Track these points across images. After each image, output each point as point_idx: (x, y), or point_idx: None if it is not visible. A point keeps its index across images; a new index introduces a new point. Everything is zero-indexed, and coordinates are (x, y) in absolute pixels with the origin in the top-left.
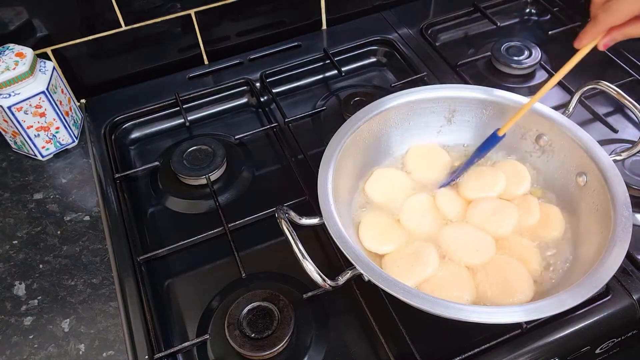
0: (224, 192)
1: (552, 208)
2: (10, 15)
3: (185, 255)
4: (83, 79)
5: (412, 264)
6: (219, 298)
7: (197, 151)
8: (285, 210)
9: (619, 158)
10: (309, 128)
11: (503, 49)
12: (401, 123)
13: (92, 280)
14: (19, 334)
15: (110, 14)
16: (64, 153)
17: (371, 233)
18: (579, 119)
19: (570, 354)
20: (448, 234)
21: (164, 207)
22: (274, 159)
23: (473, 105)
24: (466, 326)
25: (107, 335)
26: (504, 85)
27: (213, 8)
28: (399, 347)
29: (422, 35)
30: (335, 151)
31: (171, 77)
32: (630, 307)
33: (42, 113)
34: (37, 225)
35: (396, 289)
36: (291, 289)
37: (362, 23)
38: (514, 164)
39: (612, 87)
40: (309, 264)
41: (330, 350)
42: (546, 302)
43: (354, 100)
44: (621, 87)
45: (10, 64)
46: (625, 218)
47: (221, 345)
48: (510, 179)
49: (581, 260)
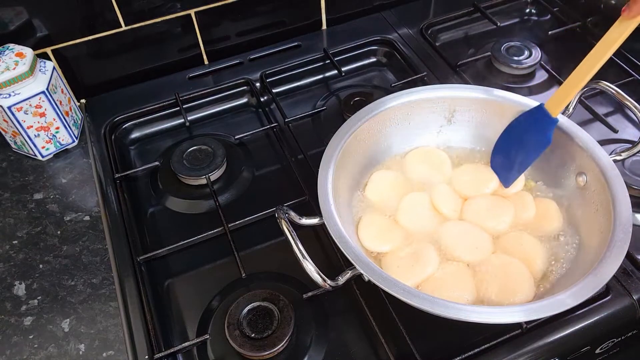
0: (224, 192)
1: (547, 202)
2: (10, 15)
3: (185, 255)
4: (83, 79)
5: (412, 264)
6: (219, 298)
7: (197, 151)
8: (285, 210)
9: (619, 158)
10: (309, 128)
11: (503, 49)
12: (401, 123)
13: (92, 280)
14: (19, 334)
15: (110, 14)
16: (64, 153)
17: (370, 233)
18: (579, 119)
19: (570, 354)
20: (446, 231)
21: (164, 207)
22: (274, 159)
23: (473, 105)
24: (466, 326)
25: (107, 335)
26: (504, 85)
27: (213, 8)
28: (399, 347)
29: (422, 35)
30: (335, 151)
31: (171, 77)
32: (630, 307)
33: (42, 113)
34: (37, 225)
35: (396, 289)
36: (291, 289)
37: (362, 23)
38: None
39: (612, 87)
40: (309, 264)
41: (330, 350)
42: (546, 302)
43: (354, 100)
44: (621, 87)
45: (10, 64)
46: (625, 218)
47: (221, 345)
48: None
49: (581, 260)
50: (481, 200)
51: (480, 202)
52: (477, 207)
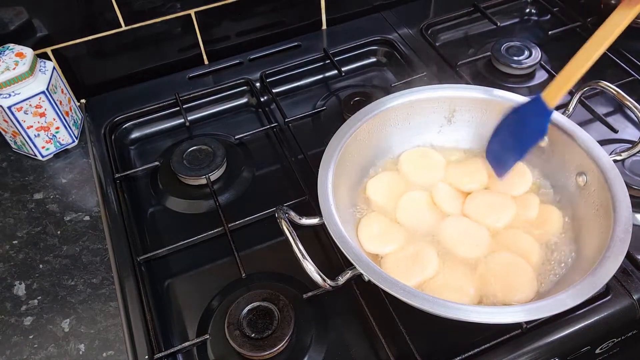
0: (224, 192)
1: (550, 207)
2: (10, 15)
3: (185, 255)
4: (83, 79)
5: (412, 266)
6: (219, 298)
7: (197, 151)
8: (285, 210)
9: (619, 158)
10: (309, 128)
11: (503, 49)
12: (401, 123)
13: (92, 280)
14: (19, 334)
15: (110, 14)
16: (64, 153)
17: (370, 234)
18: (579, 119)
19: (570, 354)
20: (446, 228)
21: (164, 207)
22: (274, 159)
23: (473, 105)
24: (466, 326)
25: (107, 335)
26: (504, 85)
27: (213, 8)
28: (399, 347)
29: (422, 35)
30: (335, 151)
31: (171, 77)
32: (630, 307)
33: (42, 113)
34: (37, 225)
35: (396, 289)
36: (291, 289)
37: (362, 23)
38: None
39: (612, 87)
40: (309, 264)
41: (330, 350)
42: (546, 302)
43: (354, 100)
44: (621, 87)
45: (10, 64)
46: (625, 218)
47: (221, 345)
48: (513, 178)
49: (581, 260)
50: (483, 196)
51: (482, 198)
52: (479, 203)
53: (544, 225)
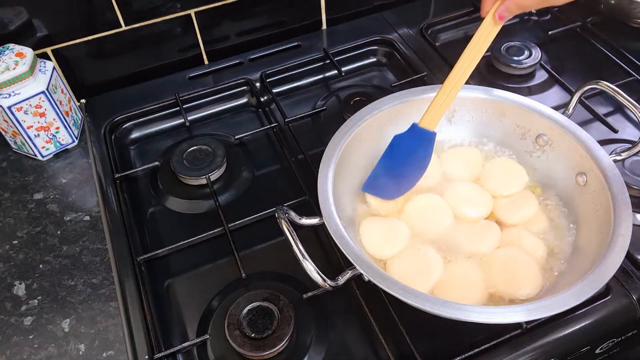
0: (224, 192)
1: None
2: (10, 15)
3: (185, 255)
4: (83, 79)
5: (417, 271)
6: (219, 298)
7: (197, 151)
8: (285, 210)
9: (619, 158)
10: (309, 128)
11: (503, 49)
12: (401, 123)
13: (92, 280)
14: (19, 334)
15: (110, 14)
16: (64, 153)
17: (373, 238)
18: (579, 119)
19: (570, 354)
20: (451, 229)
21: (164, 207)
22: (274, 159)
23: (473, 105)
24: (466, 326)
25: (107, 335)
26: (504, 85)
27: (213, 8)
28: (399, 347)
29: (422, 35)
30: (335, 151)
31: (171, 77)
32: (630, 307)
33: (42, 113)
34: (37, 225)
35: (396, 289)
36: (291, 289)
37: (362, 23)
38: (511, 162)
39: (612, 87)
40: (309, 264)
41: (330, 350)
42: (546, 302)
43: (354, 100)
44: (621, 87)
45: (10, 64)
46: (625, 218)
47: (221, 345)
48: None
49: (581, 260)
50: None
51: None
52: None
53: (520, 210)
